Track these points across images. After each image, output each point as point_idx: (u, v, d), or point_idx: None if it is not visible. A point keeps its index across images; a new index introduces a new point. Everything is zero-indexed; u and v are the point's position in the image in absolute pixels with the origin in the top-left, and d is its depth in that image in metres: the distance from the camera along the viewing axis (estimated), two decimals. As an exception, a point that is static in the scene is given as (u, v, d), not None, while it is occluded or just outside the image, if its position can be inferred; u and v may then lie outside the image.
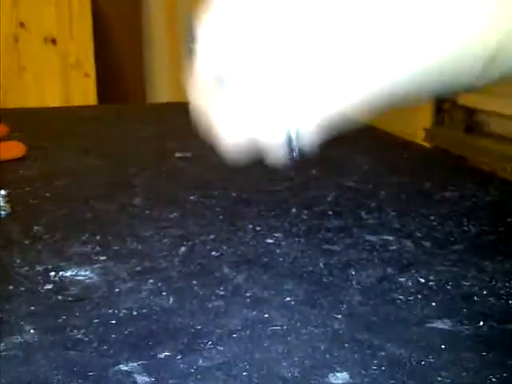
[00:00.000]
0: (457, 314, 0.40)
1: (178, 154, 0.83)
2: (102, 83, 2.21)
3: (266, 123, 0.36)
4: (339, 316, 0.40)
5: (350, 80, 0.34)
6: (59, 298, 0.43)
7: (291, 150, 0.36)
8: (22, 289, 0.44)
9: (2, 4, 2.08)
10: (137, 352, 0.36)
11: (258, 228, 0.56)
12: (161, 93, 2.45)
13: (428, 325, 0.39)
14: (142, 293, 0.43)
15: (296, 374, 0.34)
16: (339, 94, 0.35)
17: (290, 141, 0.35)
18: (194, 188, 0.68)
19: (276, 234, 0.54)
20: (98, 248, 0.51)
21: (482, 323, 0.39)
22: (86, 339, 0.37)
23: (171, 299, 0.43)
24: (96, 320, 0.40)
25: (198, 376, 0.34)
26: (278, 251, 0.51)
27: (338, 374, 0.34)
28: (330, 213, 0.60)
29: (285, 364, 0.35)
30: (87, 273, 0.47)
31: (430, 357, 0.35)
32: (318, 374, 0.34)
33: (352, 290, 0.44)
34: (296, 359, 0.35)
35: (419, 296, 0.43)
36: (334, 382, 0.33)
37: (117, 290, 0.44)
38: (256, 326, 0.39)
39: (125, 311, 0.41)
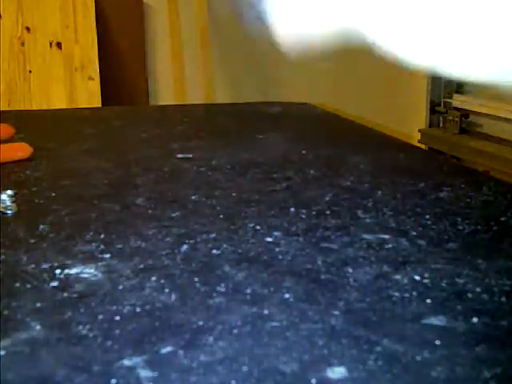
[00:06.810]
0: (451, 311, 0.41)
1: (179, 155, 0.83)
2: (106, 86, 2.21)
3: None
4: (337, 312, 0.40)
5: None
6: (64, 295, 0.43)
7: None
8: (28, 286, 0.45)
9: (8, 9, 2.09)
10: (140, 347, 0.36)
11: (258, 227, 0.56)
12: (164, 95, 2.46)
13: (423, 321, 0.39)
14: (145, 290, 0.44)
15: (295, 369, 0.34)
16: None
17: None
18: (196, 188, 0.68)
19: (275, 233, 0.54)
20: (102, 246, 0.52)
21: (475, 319, 0.39)
22: (91, 335, 0.38)
23: (173, 296, 0.43)
24: (100, 316, 0.40)
25: (200, 371, 0.34)
26: (277, 249, 0.51)
27: (336, 369, 0.34)
28: (328, 212, 0.60)
29: (284, 359, 0.35)
30: (92, 270, 0.47)
31: (425, 352, 0.36)
32: (316, 368, 0.34)
33: (349, 287, 0.44)
34: (295, 354, 0.35)
35: (414, 293, 0.43)
36: (331, 376, 0.34)
37: (120, 287, 0.44)
38: (256, 322, 0.39)
39: (128, 308, 0.41)
